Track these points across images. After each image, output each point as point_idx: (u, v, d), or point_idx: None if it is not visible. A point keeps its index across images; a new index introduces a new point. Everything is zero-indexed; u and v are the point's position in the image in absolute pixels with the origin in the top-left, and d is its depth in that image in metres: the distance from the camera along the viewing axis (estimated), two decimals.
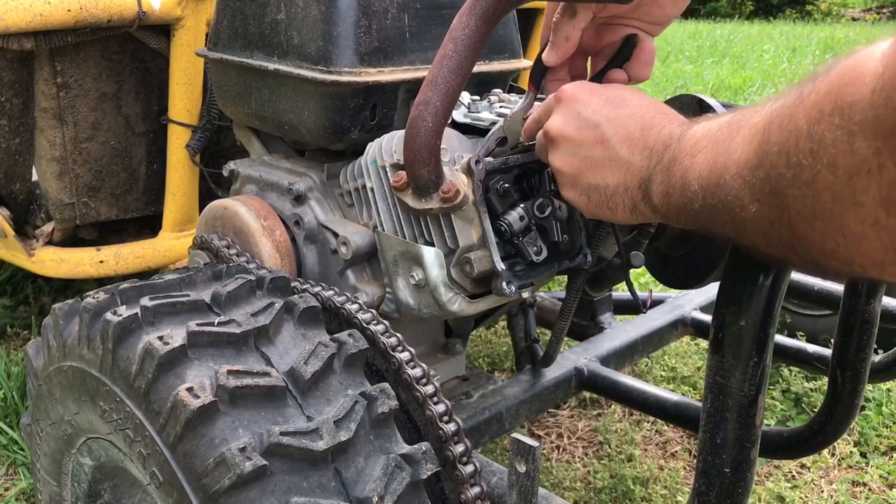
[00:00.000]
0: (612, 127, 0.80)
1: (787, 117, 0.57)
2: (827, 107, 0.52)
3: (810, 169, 0.53)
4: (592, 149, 0.82)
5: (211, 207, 1.27)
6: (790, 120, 0.56)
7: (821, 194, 0.53)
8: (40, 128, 1.58)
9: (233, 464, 0.76)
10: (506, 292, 1.00)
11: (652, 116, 0.79)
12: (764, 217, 0.60)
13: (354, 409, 0.85)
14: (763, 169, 0.59)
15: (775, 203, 0.58)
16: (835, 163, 0.51)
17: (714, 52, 9.43)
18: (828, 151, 0.52)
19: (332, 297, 1.02)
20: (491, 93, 1.22)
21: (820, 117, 0.53)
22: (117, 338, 0.88)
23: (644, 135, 0.78)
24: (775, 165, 0.57)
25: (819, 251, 0.56)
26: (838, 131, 0.51)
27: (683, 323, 1.70)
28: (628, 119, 0.80)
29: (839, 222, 0.53)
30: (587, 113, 0.83)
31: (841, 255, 0.55)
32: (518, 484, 0.85)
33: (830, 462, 1.84)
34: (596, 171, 0.82)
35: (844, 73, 0.52)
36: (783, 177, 0.56)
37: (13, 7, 1.35)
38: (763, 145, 0.59)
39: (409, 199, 1.02)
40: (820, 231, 0.55)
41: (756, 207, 0.60)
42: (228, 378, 0.81)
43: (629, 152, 0.79)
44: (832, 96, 0.52)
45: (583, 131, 0.83)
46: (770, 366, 0.83)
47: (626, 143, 0.79)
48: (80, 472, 1.07)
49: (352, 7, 1.11)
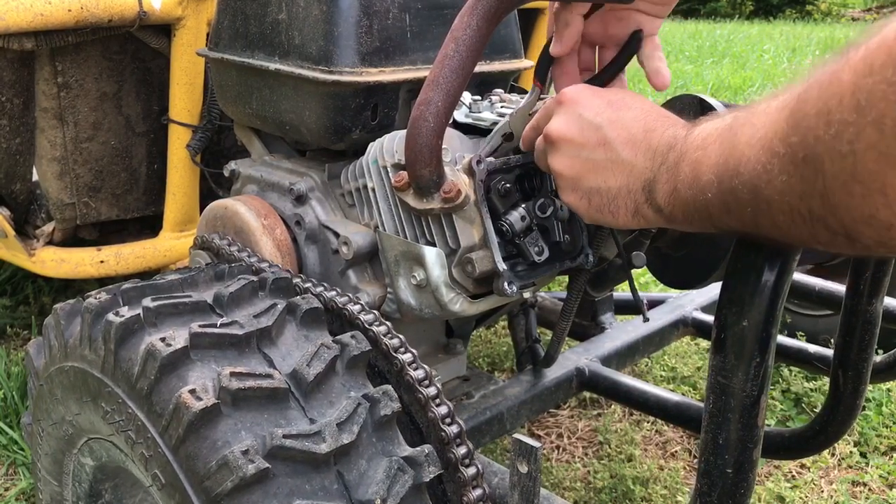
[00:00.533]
0: (614, 129, 0.80)
1: (827, 79, 0.55)
2: (878, 60, 0.51)
3: (854, 126, 0.52)
4: (594, 151, 0.81)
5: (211, 207, 1.27)
6: (832, 80, 0.55)
7: (864, 153, 0.52)
8: (41, 128, 1.58)
9: (235, 466, 0.76)
10: (507, 292, 1.00)
11: (654, 119, 0.79)
12: (794, 189, 0.59)
13: (357, 412, 0.84)
14: (798, 134, 0.57)
15: (809, 171, 0.57)
16: (882, 119, 0.50)
17: (714, 52, 9.43)
18: (876, 106, 0.50)
19: (334, 298, 1.02)
20: (492, 93, 1.22)
21: (869, 71, 0.51)
22: (119, 338, 0.88)
23: (647, 136, 0.77)
24: (812, 128, 0.55)
25: (856, 216, 0.55)
26: (889, 86, 0.49)
27: (684, 323, 1.70)
28: (631, 121, 0.79)
29: (882, 182, 0.52)
30: (589, 115, 0.82)
31: (880, 219, 0.53)
32: (520, 485, 0.85)
33: (830, 462, 1.85)
34: (598, 173, 0.81)
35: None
36: (821, 139, 0.55)
37: (14, 7, 1.35)
38: (798, 111, 0.58)
39: (411, 199, 1.02)
40: (859, 194, 0.53)
41: (785, 178, 0.59)
42: (231, 380, 0.81)
43: (632, 154, 0.78)
44: (885, 49, 0.50)
45: (585, 133, 0.82)
46: (772, 366, 0.83)
47: (628, 144, 0.78)
48: (82, 472, 1.07)
49: (353, 7, 1.10)
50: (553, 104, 0.89)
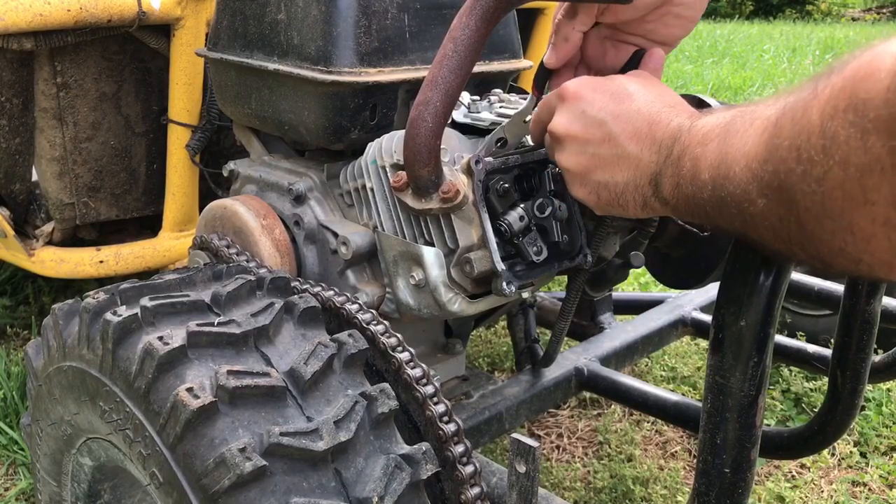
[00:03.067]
0: (618, 123, 0.79)
1: (800, 112, 0.56)
2: (841, 103, 0.51)
3: (821, 165, 0.53)
4: (600, 146, 0.81)
5: (211, 207, 1.27)
6: (803, 115, 0.55)
7: (831, 192, 0.52)
8: (40, 128, 1.58)
9: (233, 464, 0.76)
10: (506, 292, 1.00)
11: (658, 110, 0.78)
12: (772, 212, 0.59)
13: (354, 410, 0.85)
14: (772, 163, 0.58)
15: (784, 199, 0.57)
16: (847, 160, 0.51)
17: (714, 52, 9.42)
18: (840, 148, 0.51)
19: (332, 297, 1.02)
20: (491, 93, 1.22)
21: (834, 113, 0.52)
22: (117, 338, 0.88)
23: (651, 129, 0.77)
24: (785, 160, 0.56)
25: (827, 249, 0.56)
26: (852, 128, 0.50)
27: (683, 323, 1.70)
28: (634, 114, 0.79)
29: (849, 221, 0.52)
30: (592, 111, 0.82)
31: (849, 253, 0.54)
32: (518, 484, 0.85)
33: (830, 462, 1.84)
34: (605, 168, 0.81)
35: (860, 68, 0.51)
36: (793, 172, 0.55)
37: (13, 7, 1.35)
38: (774, 139, 0.58)
39: (409, 200, 1.02)
40: (829, 229, 0.54)
41: (764, 202, 0.60)
42: (228, 378, 0.81)
43: (638, 148, 0.77)
44: (847, 92, 0.51)
45: (589, 129, 0.82)
46: (770, 366, 0.83)
47: (633, 139, 0.78)
48: (80, 472, 1.07)
49: (352, 7, 1.11)
50: (554, 99, 0.89)
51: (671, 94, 0.82)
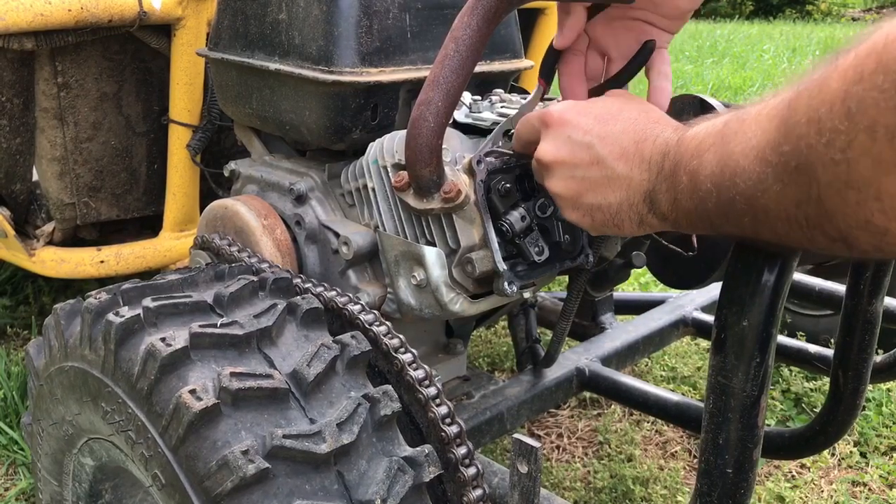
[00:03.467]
0: (605, 145, 0.78)
1: (816, 87, 0.55)
2: (868, 66, 0.50)
3: (846, 134, 0.51)
4: (589, 170, 0.80)
5: (212, 207, 1.27)
6: (821, 87, 0.54)
7: (858, 160, 0.51)
8: (41, 128, 1.58)
9: (235, 466, 0.76)
10: (507, 292, 1.00)
11: (643, 127, 0.77)
12: (789, 197, 0.58)
13: (357, 412, 0.84)
14: (789, 143, 0.57)
15: (802, 179, 0.56)
16: (875, 125, 0.50)
17: (714, 52, 9.42)
18: (868, 113, 0.50)
19: (334, 298, 1.02)
20: (492, 93, 1.22)
21: (859, 78, 0.51)
22: (119, 339, 0.88)
23: (639, 148, 0.76)
24: (804, 136, 0.55)
25: (851, 223, 0.54)
26: (881, 91, 0.49)
27: (684, 323, 1.70)
28: (620, 134, 0.78)
29: (877, 188, 0.51)
30: (578, 135, 0.81)
31: (875, 225, 0.53)
32: (520, 485, 0.85)
33: (830, 462, 1.85)
34: (596, 191, 0.80)
35: (890, 31, 0.50)
36: (813, 148, 0.54)
37: (14, 7, 1.35)
38: (788, 120, 0.57)
39: (411, 199, 1.02)
40: (853, 200, 0.53)
41: (780, 188, 0.59)
42: (231, 380, 0.81)
43: (627, 168, 0.76)
44: (875, 56, 0.50)
45: (576, 153, 0.81)
46: (773, 366, 0.83)
47: (621, 159, 0.77)
48: (82, 472, 1.07)
49: (353, 7, 1.10)
50: (538, 123, 0.87)
51: (654, 110, 0.82)
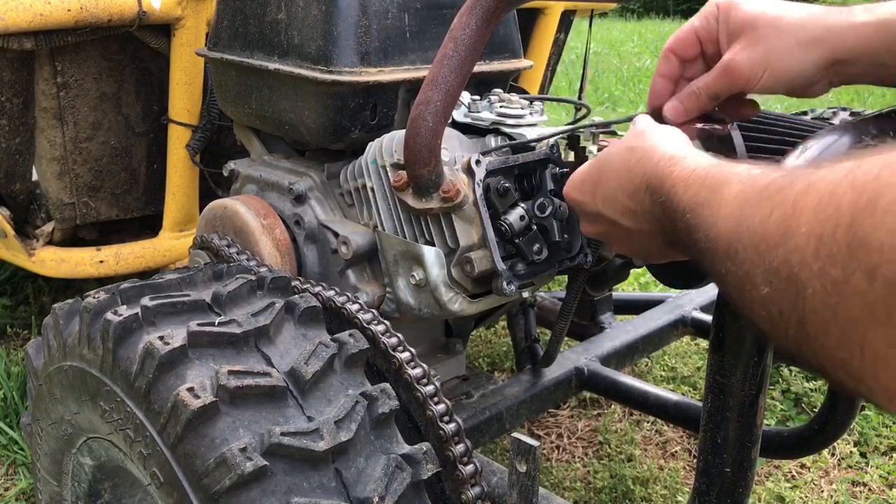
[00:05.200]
0: (609, 209, 0.79)
1: (826, 195, 0.47)
2: (885, 198, 0.43)
3: (844, 268, 0.45)
4: (609, 231, 0.81)
5: (211, 207, 1.27)
6: (830, 200, 0.46)
7: (848, 300, 0.45)
8: (40, 128, 1.58)
9: (233, 464, 0.76)
10: (506, 292, 1.00)
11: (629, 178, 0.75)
12: (774, 303, 0.52)
13: (355, 410, 0.85)
14: (784, 250, 0.50)
15: (790, 293, 0.49)
16: (876, 270, 0.43)
17: None
18: (871, 256, 0.43)
19: (332, 297, 1.02)
20: (491, 92, 1.22)
21: (871, 211, 0.43)
22: (118, 338, 0.88)
23: (635, 200, 0.75)
24: (800, 249, 0.48)
25: (828, 359, 0.48)
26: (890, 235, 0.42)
27: (684, 323, 1.70)
28: (616, 192, 0.77)
29: (861, 336, 0.45)
30: (588, 209, 0.82)
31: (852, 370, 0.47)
32: (518, 484, 0.85)
33: (830, 462, 1.84)
34: (630, 244, 0.82)
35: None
36: (807, 267, 0.47)
37: (13, 7, 1.35)
38: (789, 221, 0.50)
39: (410, 199, 1.02)
40: (835, 337, 0.46)
41: (767, 290, 0.52)
42: (229, 378, 0.81)
43: (635, 223, 0.76)
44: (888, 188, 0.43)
45: (597, 225, 0.83)
46: (770, 365, 0.83)
47: (627, 216, 0.77)
48: (81, 471, 1.07)
49: (352, 7, 1.11)
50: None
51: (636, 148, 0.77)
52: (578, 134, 1.11)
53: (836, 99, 6.06)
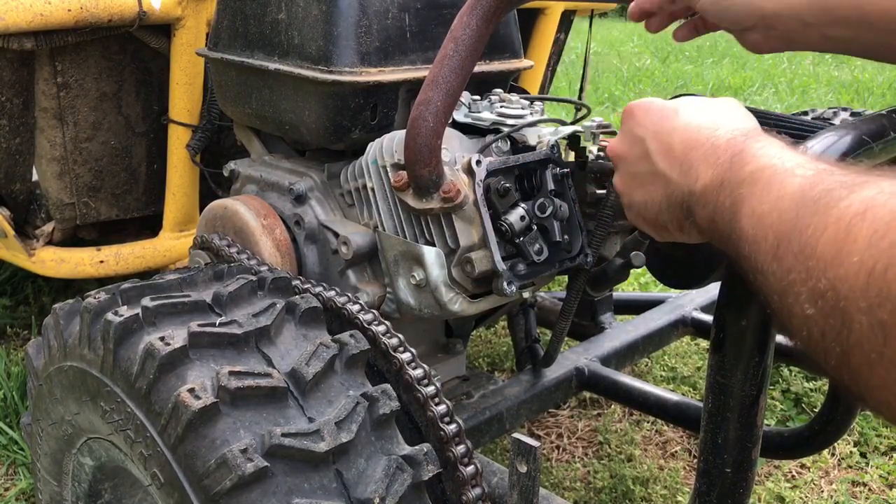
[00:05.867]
0: (654, 140, 0.75)
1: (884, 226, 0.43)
2: None
3: (892, 313, 0.41)
4: (638, 164, 0.77)
5: (211, 207, 1.27)
6: (887, 233, 0.43)
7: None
8: (40, 128, 1.58)
9: (234, 465, 0.76)
10: (507, 292, 1.00)
11: (697, 134, 0.70)
12: (816, 325, 0.48)
13: (356, 411, 0.84)
14: (834, 274, 0.46)
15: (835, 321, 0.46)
16: None
17: (714, 52, 9.42)
18: None
19: (333, 297, 1.02)
20: (492, 93, 1.22)
21: None
22: (118, 338, 0.88)
23: (686, 151, 0.71)
24: (849, 280, 0.45)
25: (872, 396, 0.45)
26: None
27: (684, 323, 1.70)
28: (671, 131, 0.74)
29: None
30: (638, 130, 0.78)
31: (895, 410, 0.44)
32: (519, 484, 0.85)
33: (830, 462, 1.84)
34: (643, 187, 0.77)
35: None
36: (855, 301, 0.44)
37: (13, 7, 1.35)
38: (841, 245, 0.46)
39: (410, 199, 1.02)
40: (879, 377, 0.43)
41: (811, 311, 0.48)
42: (230, 379, 0.81)
43: (667, 166, 0.73)
44: None
45: (632, 147, 0.79)
46: (771, 366, 0.83)
47: (665, 156, 0.73)
48: (81, 471, 1.07)
49: (353, 7, 1.11)
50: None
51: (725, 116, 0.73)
52: (579, 134, 1.11)
53: (836, 99, 6.06)
